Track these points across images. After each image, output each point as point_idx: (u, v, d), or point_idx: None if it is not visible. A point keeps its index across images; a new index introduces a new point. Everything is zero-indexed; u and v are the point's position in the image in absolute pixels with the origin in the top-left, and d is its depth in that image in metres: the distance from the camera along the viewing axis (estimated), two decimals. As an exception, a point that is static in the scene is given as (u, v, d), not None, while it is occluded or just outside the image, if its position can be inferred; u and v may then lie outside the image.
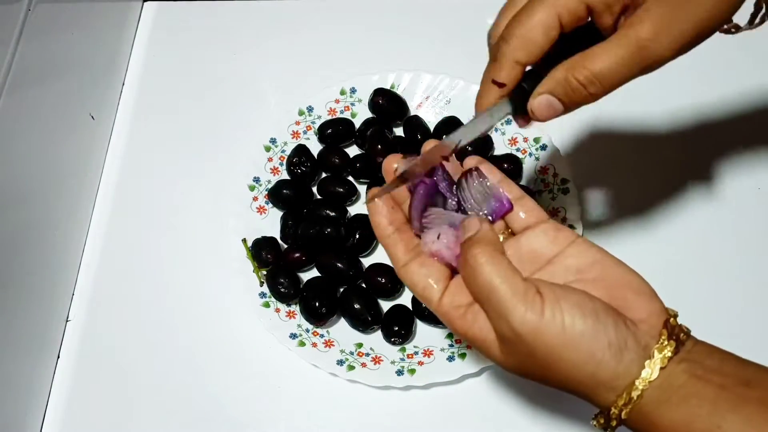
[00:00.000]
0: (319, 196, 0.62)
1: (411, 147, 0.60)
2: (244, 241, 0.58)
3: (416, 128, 0.62)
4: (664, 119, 0.63)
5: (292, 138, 0.64)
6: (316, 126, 0.64)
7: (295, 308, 0.56)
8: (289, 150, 0.63)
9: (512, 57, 0.35)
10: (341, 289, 0.57)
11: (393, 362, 0.54)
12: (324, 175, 0.63)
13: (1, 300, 0.50)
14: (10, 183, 0.52)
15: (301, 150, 0.62)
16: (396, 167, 0.37)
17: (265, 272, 0.57)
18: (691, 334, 0.32)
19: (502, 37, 0.35)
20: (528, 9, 0.35)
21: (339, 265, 0.56)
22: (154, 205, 0.64)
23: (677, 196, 0.60)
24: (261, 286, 0.57)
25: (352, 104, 0.65)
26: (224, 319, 0.58)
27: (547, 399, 0.53)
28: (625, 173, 0.61)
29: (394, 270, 0.37)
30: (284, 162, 0.62)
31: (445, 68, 0.64)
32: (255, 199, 0.61)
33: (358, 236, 0.57)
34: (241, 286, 0.57)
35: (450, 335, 0.55)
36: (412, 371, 0.53)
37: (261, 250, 0.57)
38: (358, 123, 0.64)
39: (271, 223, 0.60)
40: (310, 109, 0.64)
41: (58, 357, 0.58)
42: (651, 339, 0.31)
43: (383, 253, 0.39)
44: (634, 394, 0.30)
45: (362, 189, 0.62)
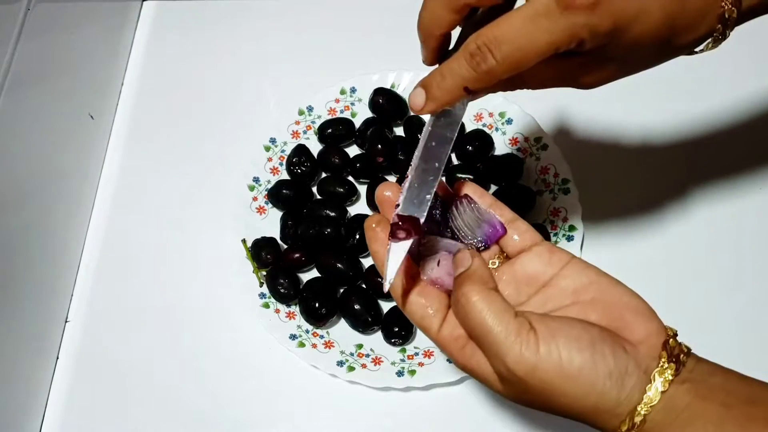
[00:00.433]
0: (319, 196, 0.62)
1: (411, 147, 0.60)
2: (244, 241, 0.58)
3: (416, 128, 0.62)
4: (666, 120, 0.63)
5: (292, 138, 0.64)
6: (316, 126, 0.64)
7: (295, 309, 0.56)
8: (288, 150, 0.62)
9: (425, 34, 0.35)
10: (341, 290, 0.57)
11: (393, 363, 0.53)
12: (324, 175, 0.63)
13: (1, 300, 0.50)
14: (9, 183, 0.52)
15: (301, 150, 0.62)
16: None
17: (264, 273, 0.57)
18: (692, 351, 0.32)
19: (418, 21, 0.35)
20: None
21: (339, 265, 0.56)
22: (153, 205, 0.64)
23: (678, 196, 0.60)
24: (261, 286, 0.57)
25: (352, 104, 0.65)
26: (224, 320, 0.58)
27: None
28: (626, 173, 0.61)
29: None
30: (284, 162, 0.62)
31: (445, 68, 0.64)
32: (255, 199, 0.61)
33: (358, 236, 0.57)
34: (241, 287, 0.56)
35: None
36: (412, 372, 0.52)
37: (261, 251, 0.57)
38: (358, 123, 0.64)
39: (270, 224, 0.60)
40: (310, 108, 0.64)
41: (58, 357, 0.58)
42: (652, 361, 0.31)
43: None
44: (637, 419, 0.30)
45: (362, 189, 0.62)
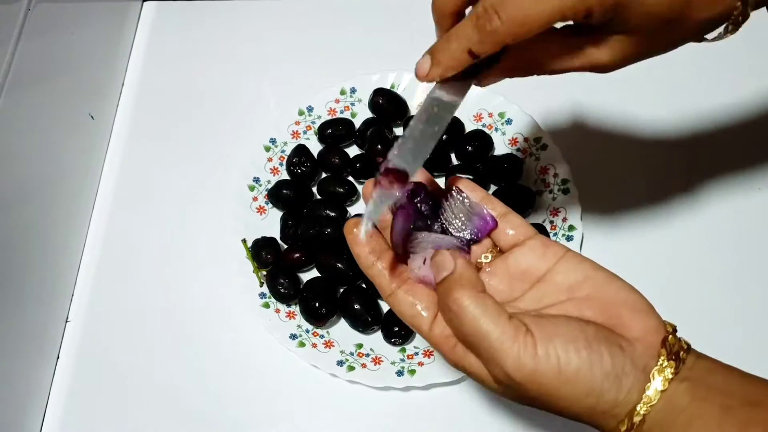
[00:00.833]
0: (318, 196, 0.62)
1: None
2: (244, 241, 0.58)
3: (416, 128, 0.62)
4: (665, 120, 0.63)
5: (292, 138, 0.64)
6: (316, 126, 0.64)
7: (295, 309, 0.56)
8: (288, 150, 0.62)
9: (439, 13, 0.38)
10: (341, 290, 0.57)
11: (393, 363, 0.53)
12: (324, 175, 0.63)
13: (1, 300, 0.50)
14: (9, 183, 0.52)
15: (300, 150, 0.62)
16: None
17: (264, 272, 0.57)
18: (692, 347, 0.31)
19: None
20: None
21: (339, 265, 0.56)
22: (153, 205, 0.64)
23: (678, 196, 0.60)
24: (261, 286, 0.57)
25: (352, 104, 0.65)
26: (224, 320, 0.58)
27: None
28: (625, 173, 0.61)
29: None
30: (284, 162, 0.62)
31: (445, 68, 0.64)
32: (255, 199, 0.61)
33: (357, 236, 0.57)
34: (241, 287, 0.56)
35: (450, 336, 0.55)
36: (412, 372, 0.52)
37: (261, 251, 0.57)
38: (358, 123, 0.64)
39: (270, 224, 0.60)
40: (310, 109, 0.64)
41: (58, 357, 0.58)
42: (650, 359, 0.30)
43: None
44: (636, 419, 0.29)
45: (362, 189, 0.62)
